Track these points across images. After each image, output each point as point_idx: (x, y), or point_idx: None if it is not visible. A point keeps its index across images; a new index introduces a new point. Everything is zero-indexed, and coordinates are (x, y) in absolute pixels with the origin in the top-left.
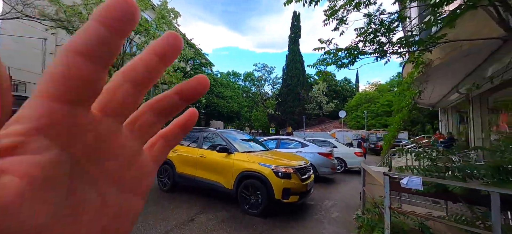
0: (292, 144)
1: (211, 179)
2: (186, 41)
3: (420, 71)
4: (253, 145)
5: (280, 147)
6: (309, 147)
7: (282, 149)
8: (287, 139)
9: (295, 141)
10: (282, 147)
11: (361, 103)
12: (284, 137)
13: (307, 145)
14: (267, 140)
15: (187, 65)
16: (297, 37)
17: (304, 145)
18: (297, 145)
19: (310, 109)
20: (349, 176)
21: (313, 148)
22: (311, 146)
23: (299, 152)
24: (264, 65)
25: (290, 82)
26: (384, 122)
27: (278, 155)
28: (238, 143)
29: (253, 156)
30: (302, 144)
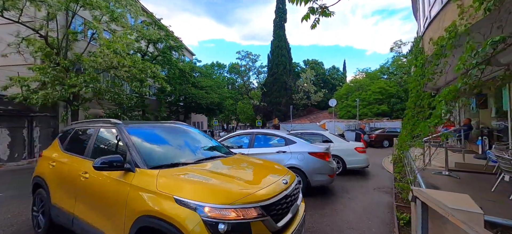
0: (272, 141)
1: (94, 223)
2: (154, 21)
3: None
4: (200, 147)
5: (254, 146)
6: (296, 145)
7: (257, 150)
8: (266, 134)
9: (277, 136)
10: (258, 146)
11: (351, 92)
12: (262, 131)
13: (293, 141)
14: (238, 136)
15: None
16: (282, 22)
17: (289, 142)
18: (280, 142)
19: (297, 100)
20: (350, 181)
21: (301, 146)
22: (299, 143)
23: (281, 153)
24: (247, 53)
25: (276, 71)
26: (377, 110)
27: (237, 167)
28: (160, 148)
29: (176, 177)
30: (287, 140)
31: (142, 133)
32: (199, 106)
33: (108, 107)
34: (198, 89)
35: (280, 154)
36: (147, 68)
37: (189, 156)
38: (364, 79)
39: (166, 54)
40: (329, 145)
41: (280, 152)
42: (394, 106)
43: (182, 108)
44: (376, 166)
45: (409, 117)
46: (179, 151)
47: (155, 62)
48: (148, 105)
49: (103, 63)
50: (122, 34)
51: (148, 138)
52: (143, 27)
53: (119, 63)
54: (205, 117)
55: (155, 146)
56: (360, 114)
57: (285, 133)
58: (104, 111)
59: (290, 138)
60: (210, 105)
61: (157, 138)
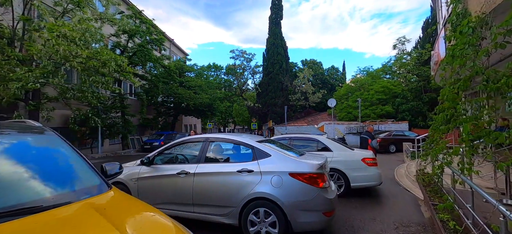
0: (234, 152)
1: None
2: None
3: None
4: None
5: (205, 161)
6: (270, 159)
7: (210, 167)
8: (225, 140)
9: (243, 145)
10: (212, 160)
11: (352, 92)
12: (220, 137)
13: (266, 154)
14: (183, 144)
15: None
16: (278, 18)
17: (260, 154)
18: (245, 155)
19: (294, 100)
20: (356, 208)
21: (279, 161)
22: (276, 157)
23: (245, 174)
24: (242, 52)
25: (271, 70)
26: (380, 112)
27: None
28: None
29: None
30: (256, 152)
31: None
32: (187, 108)
33: (77, 107)
34: (185, 89)
35: (244, 175)
36: (111, 61)
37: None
38: (366, 78)
39: (144, 49)
40: (325, 158)
41: (244, 171)
42: (400, 107)
43: (171, 110)
44: (388, 180)
45: (446, 116)
46: None
47: (136, 59)
48: (128, 106)
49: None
50: (78, 20)
51: None
52: (114, 15)
53: (71, 52)
54: (198, 120)
55: None
56: (362, 115)
57: (254, 140)
58: (73, 112)
59: (262, 148)
60: (199, 106)
61: None
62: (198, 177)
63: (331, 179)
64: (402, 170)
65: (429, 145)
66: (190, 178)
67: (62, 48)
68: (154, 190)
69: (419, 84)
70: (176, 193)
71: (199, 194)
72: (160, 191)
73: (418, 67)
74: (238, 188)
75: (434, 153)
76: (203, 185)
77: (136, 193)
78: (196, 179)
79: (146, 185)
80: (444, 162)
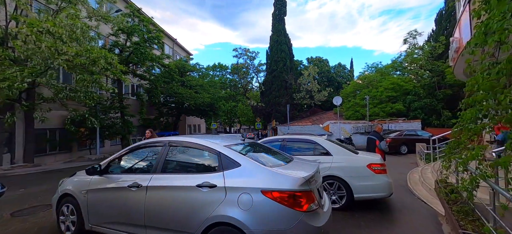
0: (196, 160)
1: None
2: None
3: None
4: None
5: (163, 170)
6: (240, 171)
7: (166, 178)
8: (188, 145)
9: (206, 150)
10: (170, 169)
11: (360, 89)
12: (181, 140)
13: (234, 163)
14: (140, 149)
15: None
16: (282, 15)
17: (227, 164)
18: (209, 165)
19: (299, 99)
20: (359, 227)
21: (251, 174)
22: (247, 166)
23: (205, 191)
24: (245, 50)
25: (275, 68)
26: (390, 110)
27: None
28: None
29: None
30: (223, 159)
31: None
32: (188, 108)
33: (74, 108)
34: (186, 88)
35: (205, 191)
36: (100, 58)
37: None
38: (374, 75)
39: (140, 47)
40: (316, 168)
41: (204, 186)
42: (411, 105)
43: (173, 110)
44: (399, 188)
45: (479, 111)
46: None
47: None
48: (128, 107)
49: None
50: (66, 15)
51: None
52: (107, 13)
53: (57, 49)
54: (202, 120)
55: None
56: (370, 114)
57: (223, 143)
58: (69, 113)
59: (229, 156)
60: (200, 106)
61: None
62: (152, 191)
63: (331, 188)
64: (416, 174)
65: (452, 149)
66: (142, 192)
67: (44, 44)
68: (103, 206)
69: (433, 80)
70: (126, 210)
71: (152, 214)
72: (109, 207)
73: (431, 62)
74: (197, 209)
75: (464, 161)
76: (156, 201)
77: (85, 208)
78: (149, 194)
79: (96, 199)
80: (480, 175)
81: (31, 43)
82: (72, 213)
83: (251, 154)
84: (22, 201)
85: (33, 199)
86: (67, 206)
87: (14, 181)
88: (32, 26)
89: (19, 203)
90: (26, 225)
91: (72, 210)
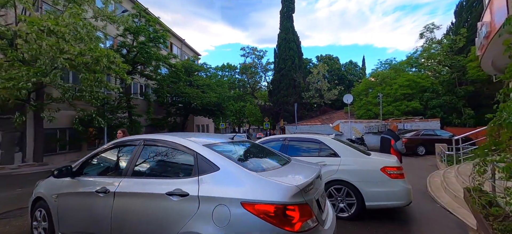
0: (161, 159)
1: None
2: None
3: None
4: None
5: (129, 174)
6: (216, 176)
7: (133, 184)
8: (156, 143)
9: (181, 148)
10: (137, 175)
11: (372, 87)
12: (132, 139)
13: (212, 166)
14: (98, 155)
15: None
16: (290, 12)
17: (205, 167)
18: (182, 171)
19: (308, 98)
20: None
21: (228, 181)
22: (225, 172)
23: (175, 200)
24: (253, 49)
25: (283, 67)
26: (405, 108)
27: None
28: None
29: None
30: (199, 160)
31: None
32: (194, 108)
33: (82, 108)
34: (193, 88)
35: (175, 200)
36: (103, 57)
37: None
38: (388, 72)
39: (145, 46)
40: (316, 172)
41: (175, 195)
42: (429, 103)
43: (181, 110)
44: (418, 194)
45: None
46: None
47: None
48: (135, 107)
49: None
50: (69, 14)
51: None
52: (113, 13)
53: (58, 48)
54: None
55: None
56: (383, 113)
57: (203, 141)
58: (77, 113)
59: (207, 157)
60: (207, 105)
61: None
62: (119, 198)
63: (338, 194)
64: (437, 178)
65: (488, 150)
66: (109, 198)
67: (45, 43)
68: (73, 213)
69: (453, 76)
70: (93, 219)
71: (118, 224)
72: (77, 215)
73: (451, 56)
74: (165, 222)
75: (509, 166)
76: (124, 211)
77: (56, 215)
78: (116, 201)
79: (66, 204)
80: None
81: (32, 42)
82: (44, 218)
83: (237, 155)
84: (14, 202)
85: (27, 200)
86: (40, 211)
87: (16, 180)
88: (32, 25)
89: (12, 203)
90: (7, 229)
91: (44, 215)
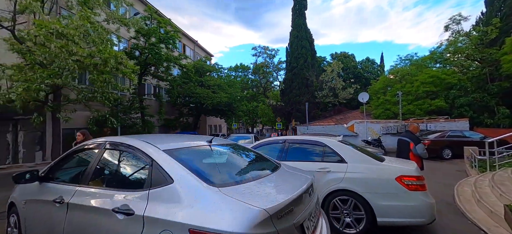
0: (119, 166)
1: None
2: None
3: None
4: None
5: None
6: (167, 192)
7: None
8: (121, 145)
9: (139, 152)
10: None
11: (391, 85)
12: (111, 141)
13: (165, 178)
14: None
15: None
16: (302, 8)
17: (159, 179)
18: (135, 183)
19: (321, 97)
20: None
21: (177, 199)
22: (178, 186)
23: (119, 214)
24: (264, 48)
25: (295, 65)
26: (428, 107)
27: None
28: None
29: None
30: (154, 170)
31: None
32: (203, 107)
33: (96, 109)
34: (204, 88)
35: (120, 218)
36: (110, 58)
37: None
38: (409, 68)
39: (155, 47)
40: (306, 184)
41: (120, 213)
42: (456, 101)
43: (193, 110)
44: (444, 207)
45: None
46: None
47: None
48: (147, 107)
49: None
50: (79, 17)
51: None
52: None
53: (67, 50)
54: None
55: None
56: (403, 112)
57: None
58: (92, 113)
59: (162, 166)
60: (217, 106)
61: None
62: (72, 210)
63: (344, 206)
64: (467, 188)
65: None
66: (63, 209)
67: (53, 45)
68: (36, 222)
69: (483, 72)
70: (51, 230)
71: None
72: (39, 225)
73: (481, 50)
74: None
75: None
76: (75, 225)
77: (23, 222)
78: (69, 214)
79: (30, 212)
80: None
81: (41, 44)
82: (16, 225)
83: (204, 164)
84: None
85: None
86: (13, 216)
87: None
88: (40, 27)
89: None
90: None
91: (15, 222)
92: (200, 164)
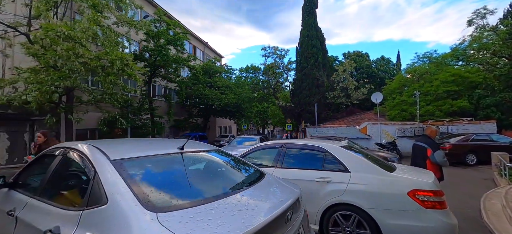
0: (71, 175)
1: None
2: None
3: None
4: None
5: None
6: (99, 215)
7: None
8: (79, 152)
9: (87, 161)
10: None
11: (408, 84)
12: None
13: (102, 198)
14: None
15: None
16: (313, 7)
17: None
18: (77, 200)
19: (332, 98)
20: None
21: (112, 230)
22: (116, 205)
23: None
24: (274, 49)
25: (305, 65)
26: (449, 108)
27: None
28: None
29: None
30: (95, 184)
31: None
32: (210, 109)
33: (106, 110)
34: (213, 89)
35: None
36: (116, 60)
37: None
38: (428, 67)
39: (162, 49)
40: (288, 202)
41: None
42: (481, 102)
43: (201, 111)
44: (468, 223)
45: None
46: None
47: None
48: (157, 108)
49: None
50: (87, 20)
51: None
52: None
53: (74, 52)
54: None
55: None
56: (421, 113)
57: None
58: (102, 114)
59: (102, 180)
60: (226, 107)
61: None
62: (20, 225)
63: (346, 223)
64: (496, 200)
65: None
66: (12, 223)
67: (59, 47)
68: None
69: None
70: None
71: None
72: None
73: (511, 45)
74: None
75: None
76: None
77: None
78: (17, 229)
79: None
80: None
81: (48, 46)
82: None
83: (163, 176)
84: None
85: None
86: None
87: None
88: (47, 30)
89: None
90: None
91: None
92: (152, 179)
